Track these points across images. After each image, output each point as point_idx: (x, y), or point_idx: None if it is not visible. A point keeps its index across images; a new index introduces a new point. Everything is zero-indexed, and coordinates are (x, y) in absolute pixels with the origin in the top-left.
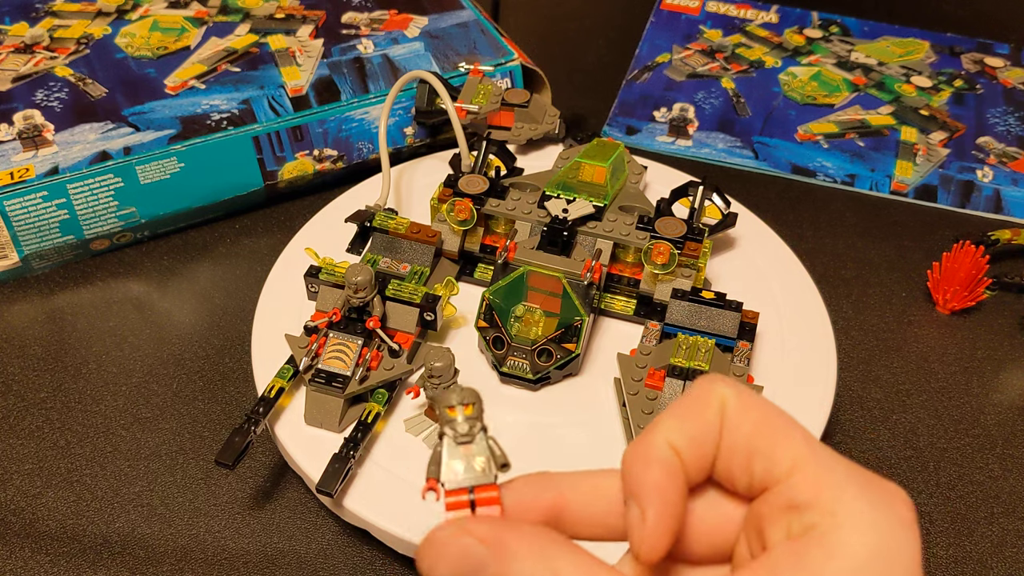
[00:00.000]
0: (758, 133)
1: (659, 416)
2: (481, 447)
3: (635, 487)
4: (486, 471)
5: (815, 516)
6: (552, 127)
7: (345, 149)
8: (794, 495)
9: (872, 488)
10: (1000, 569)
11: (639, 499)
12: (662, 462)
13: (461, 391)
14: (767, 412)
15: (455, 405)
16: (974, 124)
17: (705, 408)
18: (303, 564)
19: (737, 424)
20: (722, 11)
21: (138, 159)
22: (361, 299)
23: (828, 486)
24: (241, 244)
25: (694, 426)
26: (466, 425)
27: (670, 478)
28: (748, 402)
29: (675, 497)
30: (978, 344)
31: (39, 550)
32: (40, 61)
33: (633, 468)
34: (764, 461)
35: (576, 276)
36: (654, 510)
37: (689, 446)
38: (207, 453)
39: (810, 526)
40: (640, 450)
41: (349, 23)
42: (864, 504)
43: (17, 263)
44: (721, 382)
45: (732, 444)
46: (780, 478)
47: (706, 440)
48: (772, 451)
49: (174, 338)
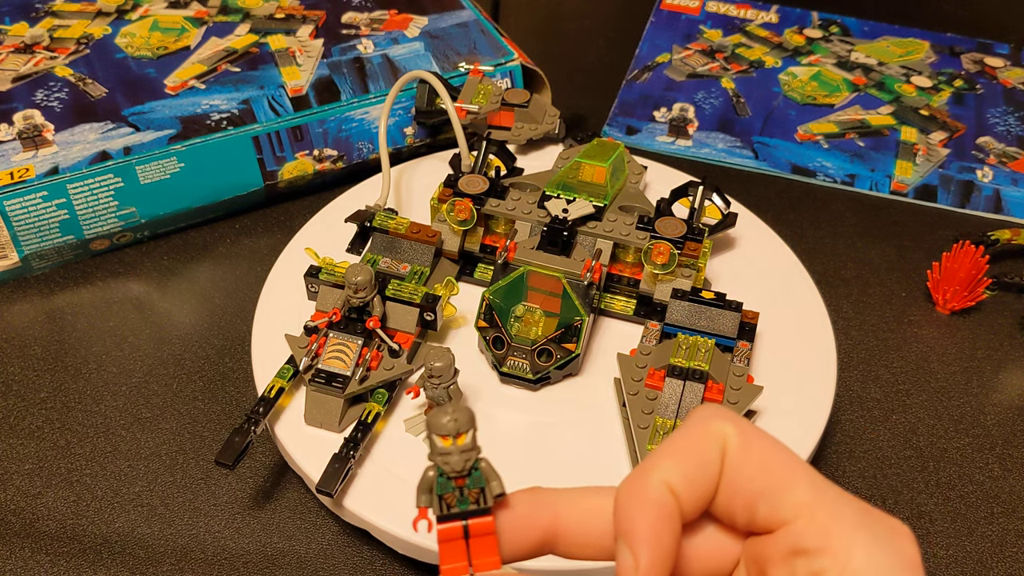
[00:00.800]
0: (758, 133)
1: (655, 452)
2: (475, 478)
3: (628, 529)
4: (480, 502)
5: (824, 562)
6: (552, 127)
7: (345, 149)
8: (801, 539)
9: (879, 530)
10: (1000, 569)
11: (632, 543)
12: (658, 504)
13: (455, 416)
14: (771, 451)
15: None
16: (974, 124)
17: (704, 447)
18: (303, 564)
19: (739, 465)
20: (722, 11)
21: (138, 159)
22: (361, 299)
23: (837, 532)
24: (241, 244)
25: (692, 466)
26: (461, 461)
27: (665, 521)
28: (750, 440)
29: (669, 541)
30: (978, 344)
31: (39, 550)
32: (40, 61)
33: (627, 508)
34: (768, 503)
35: (576, 276)
36: (647, 557)
37: (687, 487)
38: (207, 453)
39: (819, 572)
40: (635, 489)
41: (349, 23)
42: (875, 550)
43: (17, 263)
44: (720, 418)
45: (734, 485)
46: (785, 521)
47: (704, 480)
48: (777, 494)
49: (174, 338)
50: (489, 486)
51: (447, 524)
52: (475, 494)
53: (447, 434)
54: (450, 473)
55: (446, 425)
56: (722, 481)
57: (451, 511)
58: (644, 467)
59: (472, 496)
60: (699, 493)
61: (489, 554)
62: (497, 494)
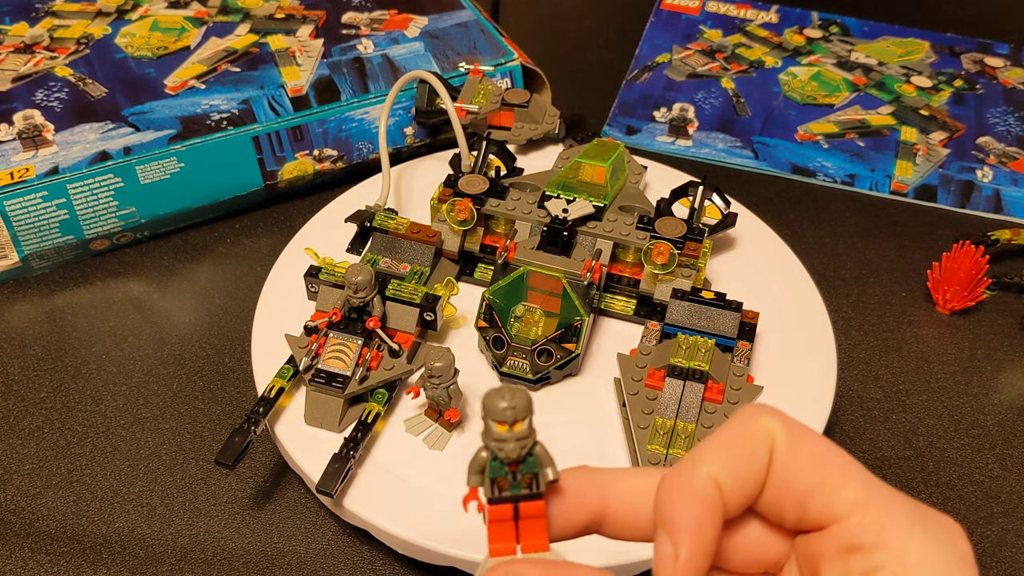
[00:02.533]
0: (758, 133)
1: (701, 446)
2: (529, 464)
3: (670, 521)
4: (533, 487)
5: (880, 558)
6: (552, 127)
7: (345, 149)
8: (855, 536)
9: (934, 527)
10: (1000, 569)
11: (673, 534)
12: (702, 498)
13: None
14: (821, 448)
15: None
16: (974, 124)
17: (752, 443)
18: (303, 564)
19: (789, 461)
20: (722, 11)
21: (138, 159)
22: (361, 299)
23: (893, 528)
24: (241, 244)
25: (739, 461)
26: (517, 449)
27: (709, 515)
28: (800, 438)
29: (710, 536)
30: (978, 344)
31: (39, 550)
32: (40, 61)
33: (671, 500)
34: (821, 499)
35: (576, 276)
36: (687, 550)
37: (732, 482)
38: (207, 453)
39: (874, 568)
40: (680, 482)
41: (349, 23)
42: (930, 546)
43: (17, 263)
44: (769, 415)
45: (783, 481)
46: (839, 517)
47: (751, 476)
48: (830, 490)
49: (174, 338)
50: (543, 471)
51: (498, 505)
52: (528, 479)
53: (504, 421)
54: (505, 460)
55: (503, 412)
56: (770, 478)
57: (503, 495)
58: (690, 459)
59: (525, 481)
60: (744, 489)
61: (538, 536)
62: (551, 480)
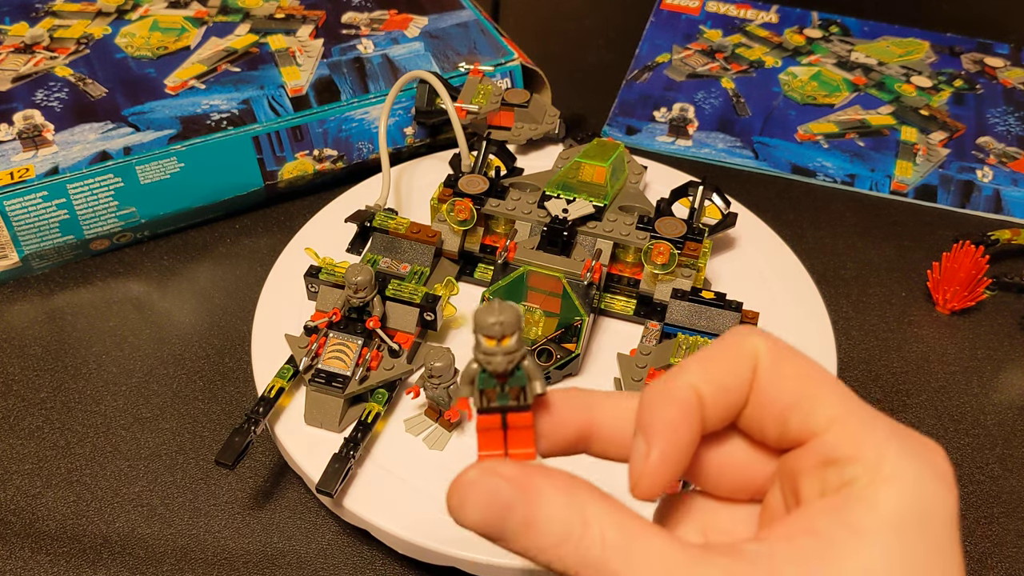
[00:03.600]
0: (758, 133)
1: (686, 359)
2: (517, 377)
3: (647, 422)
4: (521, 399)
5: (855, 471)
6: (552, 127)
7: (345, 149)
8: (832, 449)
9: (912, 444)
10: (1000, 569)
11: (648, 435)
12: (679, 403)
13: (500, 318)
14: (803, 365)
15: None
16: (974, 124)
17: (736, 357)
18: (303, 564)
19: (771, 377)
20: (722, 11)
21: (138, 159)
22: (361, 299)
23: (869, 442)
24: (241, 244)
25: (722, 375)
26: (504, 363)
27: (684, 420)
28: (783, 354)
29: (685, 440)
30: (978, 344)
31: (39, 550)
32: (40, 61)
33: (649, 403)
34: (800, 414)
35: (576, 276)
36: (659, 449)
37: (713, 393)
38: (207, 453)
39: (849, 481)
40: (660, 387)
41: (349, 23)
42: (906, 460)
43: (17, 263)
44: (755, 334)
45: (765, 396)
46: (817, 432)
47: (733, 390)
48: (809, 405)
49: (174, 338)
50: (531, 384)
51: (487, 414)
52: (516, 391)
53: (492, 336)
54: (493, 373)
55: (491, 327)
56: (753, 393)
57: (491, 405)
58: (672, 371)
59: (513, 393)
60: (726, 400)
61: (525, 445)
62: (538, 393)
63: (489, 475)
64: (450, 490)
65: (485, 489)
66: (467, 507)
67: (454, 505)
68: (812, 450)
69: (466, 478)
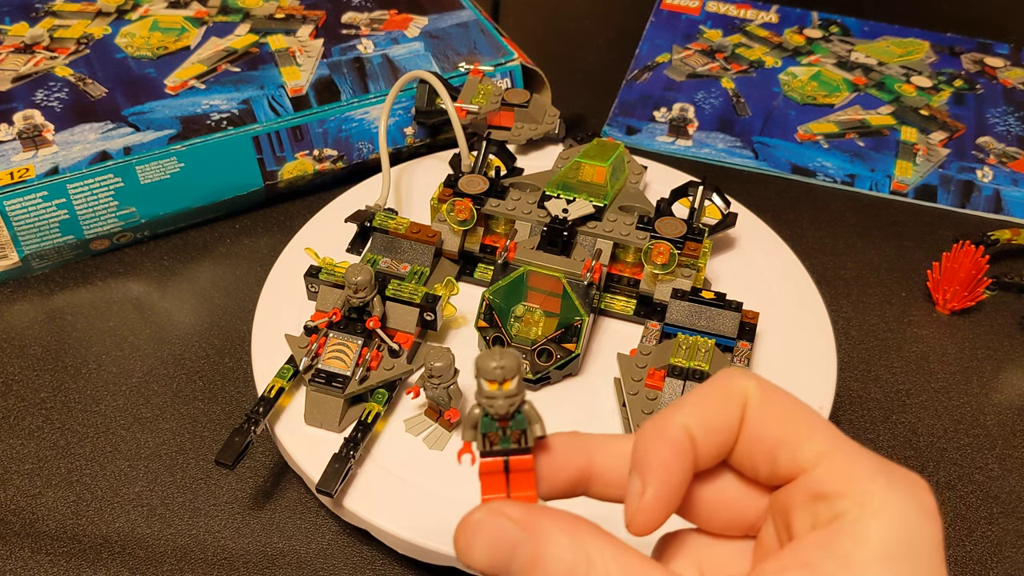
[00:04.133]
0: (758, 133)
1: (678, 400)
2: (518, 421)
3: (642, 461)
4: (522, 442)
5: (844, 505)
6: (552, 127)
7: (345, 149)
8: (821, 485)
9: (897, 478)
10: (1000, 569)
11: (643, 473)
12: (672, 443)
13: (502, 363)
14: (790, 404)
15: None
16: (974, 124)
17: (726, 399)
18: (303, 564)
19: (760, 416)
20: (722, 11)
21: (138, 159)
22: (361, 299)
23: (856, 477)
24: (241, 244)
25: (713, 414)
26: (505, 406)
27: (677, 459)
28: (771, 395)
29: (678, 478)
30: (978, 344)
31: (39, 550)
32: (40, 61)
33: (644, 443)
34: (789, 451)
35: (576, 276)
36: (654, 487)
37: (705, 433)
38: (207, 453)
39: (838, 515)
40: (654, 427)
41: (349, 23)
42: (892, 495)
43: (17, 263)
44: (743, 376)
45: (755, 435)
46: (806, 468)
47: (723, 430)
48: (797, 442)
49: (174, 338)
50: (531, 428)
51: (489, 459)
52: (517, 435)
53: (494, 380)
54: (494, 416)
55: (493, 371)
56: (743, 432)
57: (493, 448)
58: (665, 411)
59: (514, 437)
60: (717, 439)
61: (527, 488)
62: (538, 436)
63: (495, 516)
64: (457, 531)
65: (492, 529)
66: (474, 547)
67: (462, 547)
68: (802, 485)
69: (473, 519)
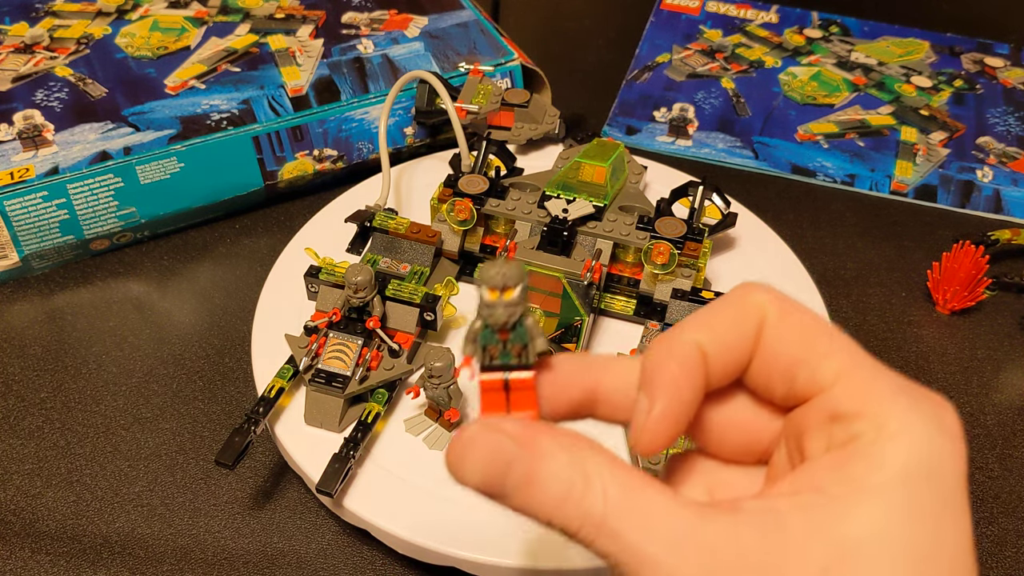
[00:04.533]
0: (758, 133)
1: (691, 316)
2: (519, 334)
3: (650, 378)
4: (523, 357)
5: (860, 427)
6: (552, 127)
7: (345, 149)
8: (837, 404)
9: (920, 399)
10: (1000, 569)
11: (650, 391)
12: (682, 359)
13: (503, 270)
14: (810, 321)
15: (495, 287)
16: (974, 124)
17: (741, 314)
18: (303, 564)
19: (777, 332)
20: (722, 11)
21: (138, 159)
22: (361, 299)
23: (876, 397)
24: (241, 244)
25: (726, 330)
26: (505, 315)
27: (687, 376)
28: (789, 309)
29: (687, 396)
30: (978, 344)
31: (39, 550)
32: (40, 61)
33: (653, 359)
34: (807, 369)
35: (576, 276)
36: (662, 404)
37: (717, 348)
38: (207, 453)
39: (854, 436)
40: (664, 344)
41: (349, 23)
42: (913, 416)
43: (17, 263)
44: (760, 290)
45: (771, 352)
46: (823, 387)
47: (737, 346)
48: (816, 359)
49: (174, 338)
50: (533, 343)
51: (489, 375)
52: (518, 349)
53: (494, 287)
54: (494, 326)
55: (493, 278)
56: (759, 350)
57: (493, 363)
58: (676, 327)
59: (515, 351)
60: (730, 356)
61: (528, 407)
62: (540, 351)
63: (491, 431)
64: (449, 447)
65: (486, 445)
66: (467, 463)
67: (453, 461)
68: (818, 405)
69: (466, 434)
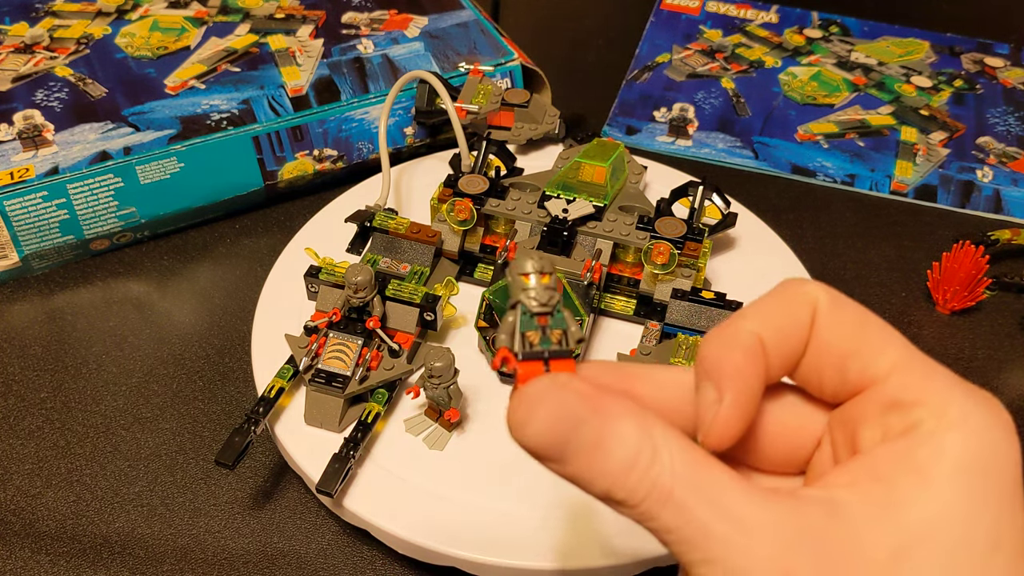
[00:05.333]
0: (758, 133)
1: (745, 308)
2: (558, 320)
3: (714, 368)
4: (563, 343)
5: (920, 414)
6: (552, 127)
7: (345, 149)
8: (896, 393)
9: (973, 391)
10: None
11: (718, 381)
12: (746, 349)
13: (539, 258)
14: (861, 312)
15: (531, 273)
16: (974, 124)
17: (796, 305)
18: (303, 564)
19: (830, 323)
20: (722, 11)
21: (138, 159)
22: (361, 299)
23: (933, 387)
24: (241, 244)
25: (783, 321)
26: (545, 295)
27: (752, 364)
28: (841, 302)
29: (755, 384)
30: (978, 344)
31: (39, 550)
32: (40, 61)
33: (713, 350)
34: (860, 362)
35: (576, 276)
36: (732, 394)
37: (775, 339)
38: (207, 453)
39: (913, 425)
40: (723, 334)
41: (349, 23)
42: (971, 407)
43: (17, 263)
44: (811, 282)
45: (824, 343)
46: (878, 378)
47: (793, 336)
48: (869, 351)
49: (174, 338)
50: (571, 331)
51: (529, 362)
52: (558, 335)
53: (528, 272)
54: (534, 308)
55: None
56: (812, 342)
57: (533, 349)
58: (733, 318)
59: (555, 336)
60: (787, 348)
61: None
62: (579, 339)
63: (560, 388)
64: (513, 404)
65: (556, 402)
66: (533, 421)
67: (519, 419)
68: (873, 396)
69: (533, 390)
